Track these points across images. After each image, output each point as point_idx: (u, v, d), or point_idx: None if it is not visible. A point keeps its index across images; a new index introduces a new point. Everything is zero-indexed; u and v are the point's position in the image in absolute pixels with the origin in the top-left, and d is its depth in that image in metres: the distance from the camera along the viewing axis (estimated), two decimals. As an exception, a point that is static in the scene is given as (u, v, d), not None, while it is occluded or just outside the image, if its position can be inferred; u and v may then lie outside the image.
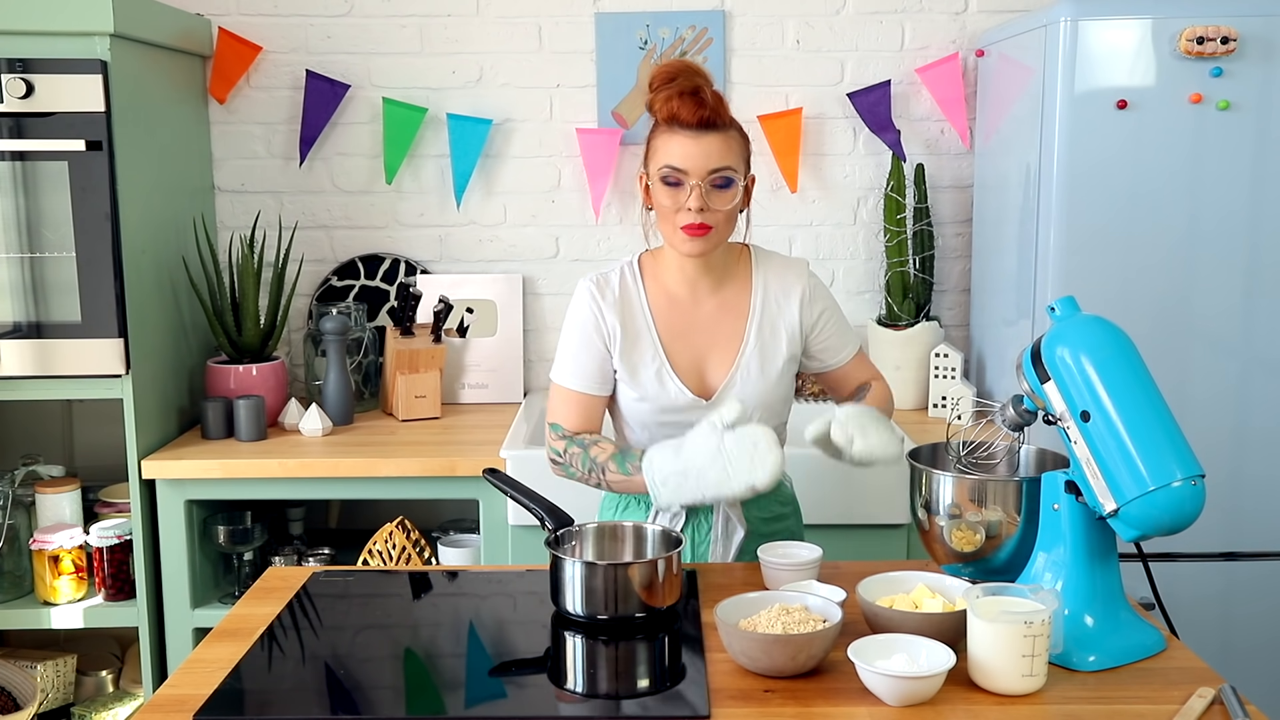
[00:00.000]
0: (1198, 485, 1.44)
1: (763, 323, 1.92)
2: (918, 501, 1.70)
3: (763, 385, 1.90)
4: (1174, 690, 1.42)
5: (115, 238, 2.45)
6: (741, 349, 1.91)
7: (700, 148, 1.81)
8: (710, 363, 1.91)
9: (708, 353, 1.92)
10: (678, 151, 1.82)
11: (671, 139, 1.83)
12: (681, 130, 1.82)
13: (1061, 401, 1.53)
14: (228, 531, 2.64)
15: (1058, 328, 1.56)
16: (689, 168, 1.81)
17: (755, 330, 1.91)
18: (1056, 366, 1.53)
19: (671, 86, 1.83)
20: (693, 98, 1.81)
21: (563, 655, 1.59)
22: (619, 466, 1.83)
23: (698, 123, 1.80)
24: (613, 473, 1.84)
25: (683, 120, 1.81)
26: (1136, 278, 2.46)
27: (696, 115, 1.80)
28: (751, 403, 1.88)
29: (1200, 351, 2.48)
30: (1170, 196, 2.44)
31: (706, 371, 1.91)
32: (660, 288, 1.94)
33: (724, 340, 1.92)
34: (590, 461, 1.86)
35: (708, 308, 1.92)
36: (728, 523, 1.91)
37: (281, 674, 1.53)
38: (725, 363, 1.91)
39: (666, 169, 1.82)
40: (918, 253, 2.98)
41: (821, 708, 1.38)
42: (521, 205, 3.07)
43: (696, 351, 1.91)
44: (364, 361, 3.02)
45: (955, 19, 3.00)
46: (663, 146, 1.84)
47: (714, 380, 1.91)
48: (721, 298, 1.93)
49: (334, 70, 3.00)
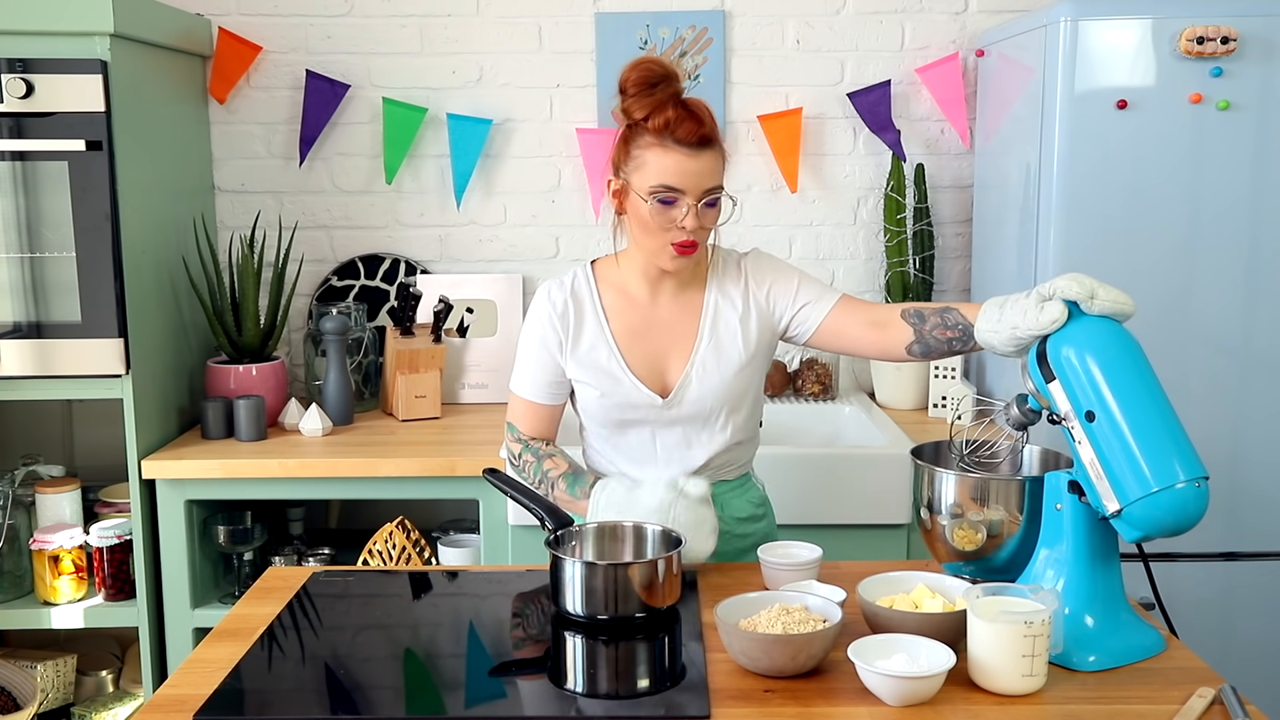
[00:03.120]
0: (1201, 487, 1.44)
1: (716, 319, 1.90)
2: (920, 500, 1.70)
3: (719, 381, 1.88)
4: (1174, 690, 1.42)
5: (115, 238, 2.45)
6: (696, 346, 1.90)
7: (697, 166, 1.76)
8: (668, 361, 1.90)
9: (666, 351, 1.90)
10: (674, 171, 1.76)
11: (666, 156, 1.76)
12: (678, 147, 1.76)
13: (1066, 401, 1.52)
14: (228, 531, 2.64)
15: (1064, 328, 1.55)
16: (686, 187, 1.76)
17: (709, 327, 1.90)
18: (1062, 366, 1.53)
19: (655, 95, 1.77)
20: (689, 113, 1.76)
21: (563, 655, 1.59)
22: (568, 487, 1.87)
23: (696, 141, 1.76)
24: (561, 491, 1.87)
25: (680, 137, 1.75)
26: (1136, 278, 2.46)
27: (696, 134, 1.75)
28: (712, 399, 1.88)
29: (1200, 351, 2.48)
30: (1170, 196, 2.44)
31: (665, 370, 1.90)
32: (616, 289, 1.92)
33: (680, 339, 1.91)
34: (541, 474, 1.90)
35: (666, 308, 1.91)
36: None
37: (281, 674, 1.53)
38: (681, 361, 1.90)
39: (662, 188, 1.77)
40: (918, 253, 2.98)
41: (821, 708, 1.38)
42: (521, 205, 3.07)
43: (654, 350, 1.90)
44: (364, 361, 3.02)
45: (955, 19, 3.00)
46: (655, 162, 1.77)
47: (671, 378, 1.90)
48: (680, 299, 1.92)
49: (334, 70, 3.00)
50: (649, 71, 1.78)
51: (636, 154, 1.80)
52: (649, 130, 1.78)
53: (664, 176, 1.77)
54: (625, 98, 1.80)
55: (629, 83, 1.79)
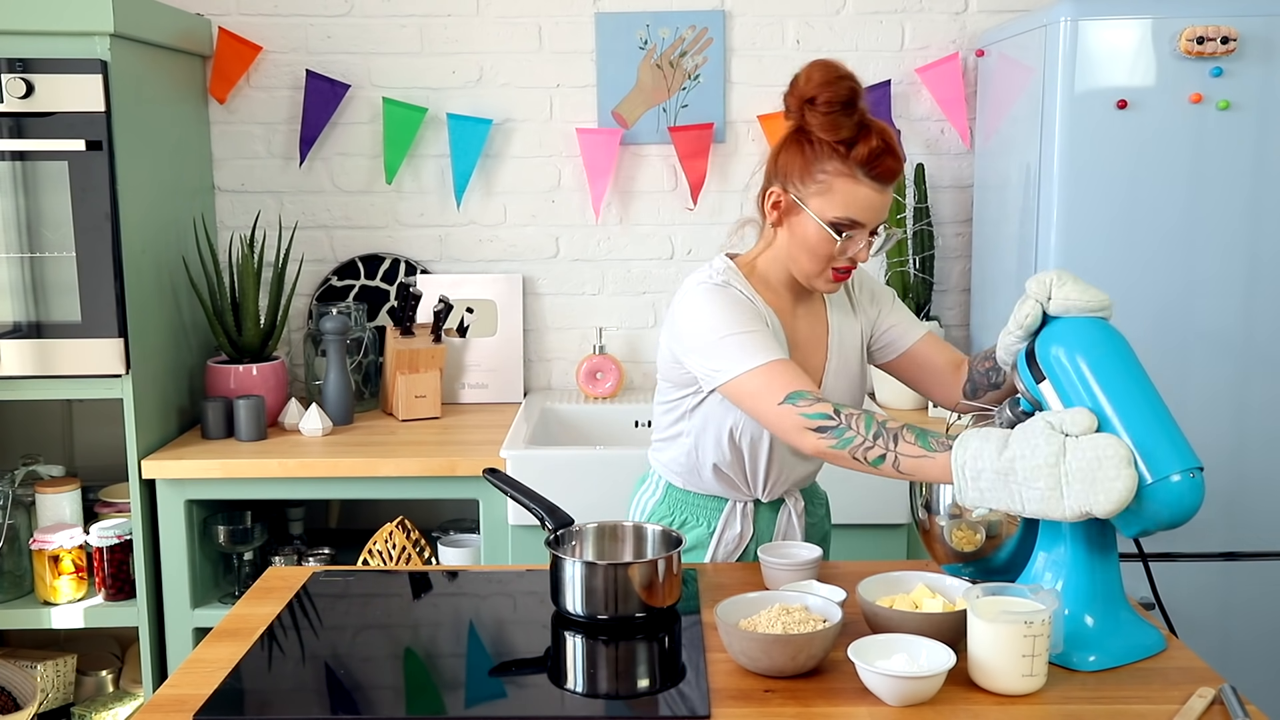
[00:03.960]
0: (1196, 478, 1.43)
1: (841, 337, 1.87)
2: (918, 501, 1.70)
3: (845, 395, 1.87)
4: (1174, 690, 1.42)
5: (115, 238, 2.45)
6: (826, 365, 1.85)
7: (884, 202, 1.71)
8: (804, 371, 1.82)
9: (800, 361, 1.81)
10: (864, 206, 1.69)
11: (858, 188, 1.68)
12: (871, 183, 1.68)
13: (1058, 401, 1.52)
14: (228, 531, 2.64)
15: (1051, 327, 1.57)
16: (869, 221, 1.71)
17: (836, 345, 1.86)
18: (1051, 366, 1.53)
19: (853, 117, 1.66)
20: (889, 151, 1.67)
21: (563, 655, 1.59)
22: (918, 439, 1.53)
23: (891, 177, 1.69)
24: (908, 444, 1.53)
25: (878, 173, 1.67)
26: (1136, 278, 2.46)
27: (894, 171, 1.68)
28: None
29: (1200, 351, 2.48)
30: (1170, 196, 2.44)
31: None
32: (768, 294, 1.82)
33: (811, 353, 1.85)
34: (878, 426, 1.56)
35: (802, 320, 1.85)
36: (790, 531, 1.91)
37: (281, 674, 1.53)
38: (814, 375, 1.84)
39: (847, 221, 1.69)
40: (918, 253, 2.98)
41: (821, 708, 1.38)
42: (521, 205, 3.07)
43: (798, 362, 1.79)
44: (364, 361, 3.02)
45: (955, 19, 3.00)
46: (844, 191, 1.68)
47: None
48: (809, 309, 1.87)
49: (334, 70, 3.00)
50: (843, 88, 1.67)
51: (822, 179, 1.70)
52: (842, 157, 1.68)
53: (851, 210, 1.69)
54: (813, 112, 1.68)
55: (820, 99, 1.67)
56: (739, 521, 1.89)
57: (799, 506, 1.92)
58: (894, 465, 1.55)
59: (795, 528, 1.92)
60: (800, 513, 1.92)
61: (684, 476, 1.91)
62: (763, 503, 1.90)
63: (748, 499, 1.89)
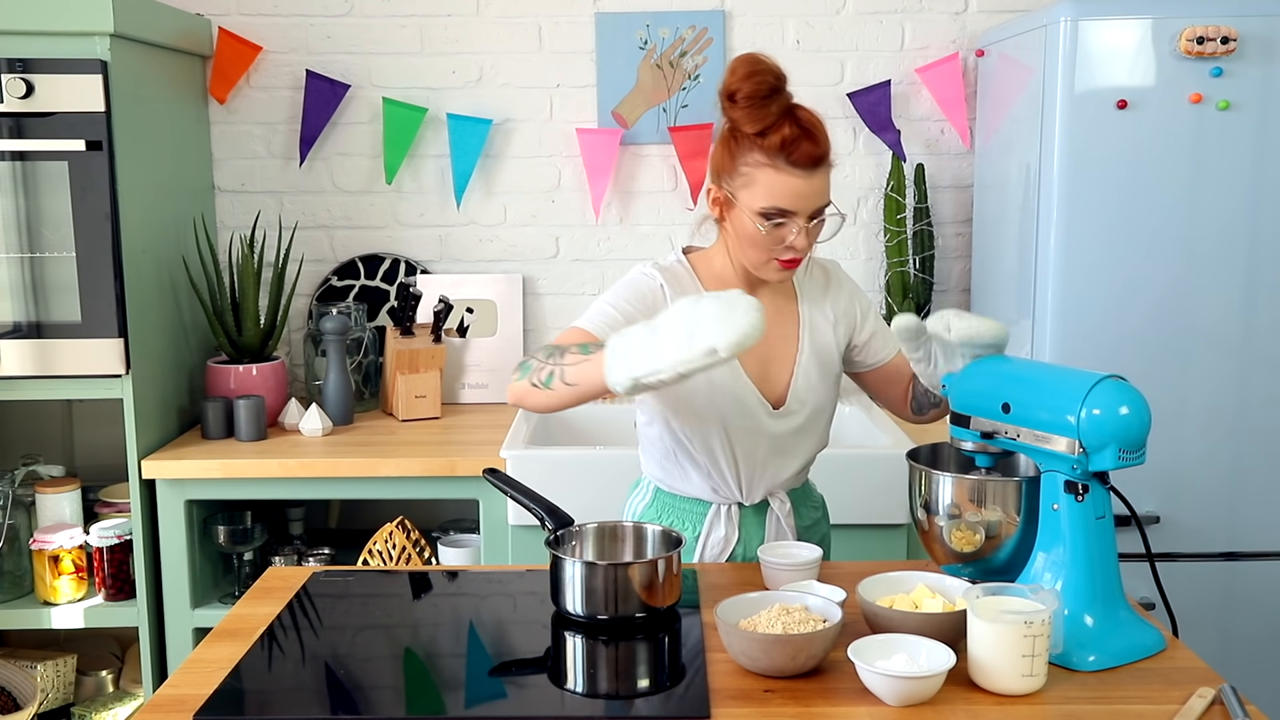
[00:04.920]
0: (1120, 380, 1.50)
1: (814, 330, 1.87)
2: (917, 501, 1.70)
3: (821, 390, 1.87)
4: (1174, 690, 1.42)
5: (115, 238, 2.45)
6: (798, 357, 1.86)
7: (810, 188, 1.69)
8: (771, 368, 1.85)
9: (770, 357, 1.84)
10: (787, 194, 1.69)
11: (778, 177, 1.68)
12: (791, 169, 1.68)
13: (986, 421, 1.60)
14: (228, 531, 2.64)
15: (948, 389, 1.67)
16: (798, 209, 1.70)
17: (808, 337, 1.87)
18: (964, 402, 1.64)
19: (769, 108, 1.67)
20: (806, 135, 1.67)
21: (563, 655, 1.59)
22: (581, 349, 1.58)
23: (812, 164, 1.68)
24: (572, 355, 1.58)
25: (794, 159, 1.67)
26: (1136, 278, 2.46)
27: (812, 156, 1.68)
28: (810, 408, 1.85)
29: (1200, 351, 2.48)
30: (1170, 196, 2.44)
31: (768, 376, 1.84)
32: (718, 285, 1.83)
33: (781, 346, 1.85)
34: (552, 350, 1.63)
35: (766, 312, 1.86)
36: (779, 534, 1.90)
37: (281, 674, 1.53)
38: (785, 369, 1.85)
39: (774, 210, 1.70)
40: (918, 253, 2.98)
41: (821, 708, 1.38)
42: (521, 205, 3.07)
43: (759, 355, 1.83)
44: (364, 361, 3.02)
45: (955, 19, 3.00)
46: (766, 182, 1.69)
47: (777, 384, 1.84)
48: (776, 302, 1.86)
49: (334, 70, 3.00)
50: (762, 83, 1.68)
51: (745, 170, 1.71)
52: (761, 148, 1.69)
53: (775, 199, 1.70)
54: (734, 107, 1.70)
55: (740, 94, 1.69)
56: (723, 524, 1.89)
57: (785, 509, 1.90)
58: (560, 378, 1.58)
59: (785, 531, 1.91)
60: (787, 515, 1.90)
61: (667, 479, 1.92)
62: (746, 506, 1.90)
63: (731, 501, 1.89)
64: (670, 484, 1.92)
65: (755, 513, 1.90)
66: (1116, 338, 2.47)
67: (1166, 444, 2.42)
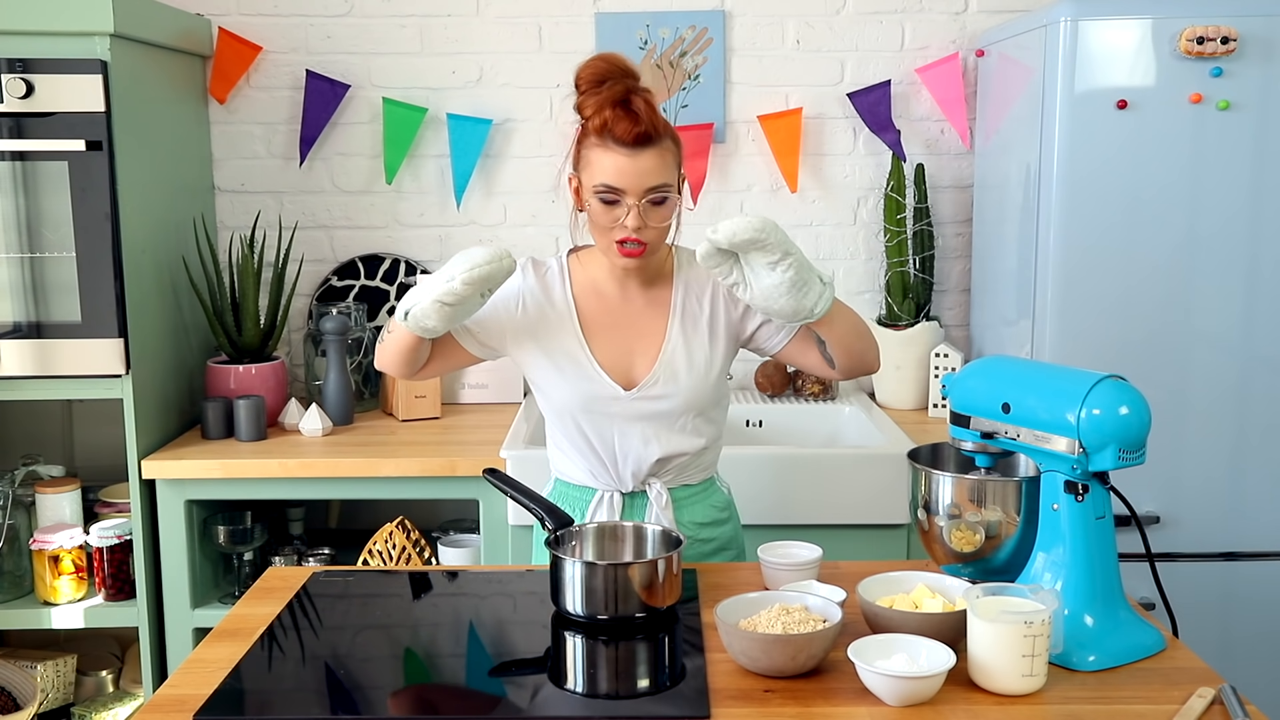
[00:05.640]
0: (1120, 380, 1.51)
1: (684, 319, 1.90)
2: (917, 501, 1.70)
3: (689, 381, 1.89)
4: (1174, 690, 1.42)
5: (115, 238, 2.45)
6: (664, 345, 1.89)
7: (636, 166, 1.75)
8: (635, 357, 1.90)
9: (632, 347, 1.90)
10: (612, 170, 1.76)
11: (605, 155, 1.76)
12: (616, 147, 1.75)
13: (985, 421, 1.61)
14: (228, 531, 2.64)
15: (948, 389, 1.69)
16: (626, 187, 1.76)
17: (678, 326, 1.90)
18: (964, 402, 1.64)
19: (600, 93, 1.77)
20: (626, 113, 1.75)
21: (563, 655, 1.59)
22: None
23: (633, 140, 1.74)
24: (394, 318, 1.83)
25: (617, 136, 1.75)
26: (1137, 278, 2.46)
27: (631, 133, 1.74)
28: (680, 398, 1.88)
29: (1200, 351, 2.48)
30: (1170, 196, 2.44)
31: (632, 365, 1.90)
32: (588, 281, 1.92)
33: (648, 336, 1.90)
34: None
35: (635, 304, 1.91)
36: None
37: (281, 674, 1.53)
38: (649, 358, 1.89)
39: (603, 188, 1.77)
40: (918, 253, 2.98)
41: (821, 708, 1.38)
42: (521, 205, 3.07)
43: (621, 345, 1.90)
44: (364, 361, 3.02)
45: (955, 19, 3.00)
46: (596, 162, 1.78)
47: (639, 374, 1.89)
48: (648, 295, 1.91)
49: (334, 70, 3.00)
50: (597, 69, 1.79)
51: (584, 152, 1.81)
52: (593, 130, 1.78)
53: (604, 176, 1.77)
54: (578, 94, 1.81)
55: (580, 79, 1.80)
56: (605, 511, 1.92)
57: (662, 500, 1.91)
58: (386, 328, 1.87)
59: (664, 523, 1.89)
60: (665, 506, 1.91)
61: (560, 467, 1.99)
62: (625, 494, 1.93)
63: (612, 489, 1.93)
64: (563, 471, 1.99)
65: (635, 503, 1.94)
66: (1116, 338, 2.47)
67: (1166, 444, 2.42)
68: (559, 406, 1.91)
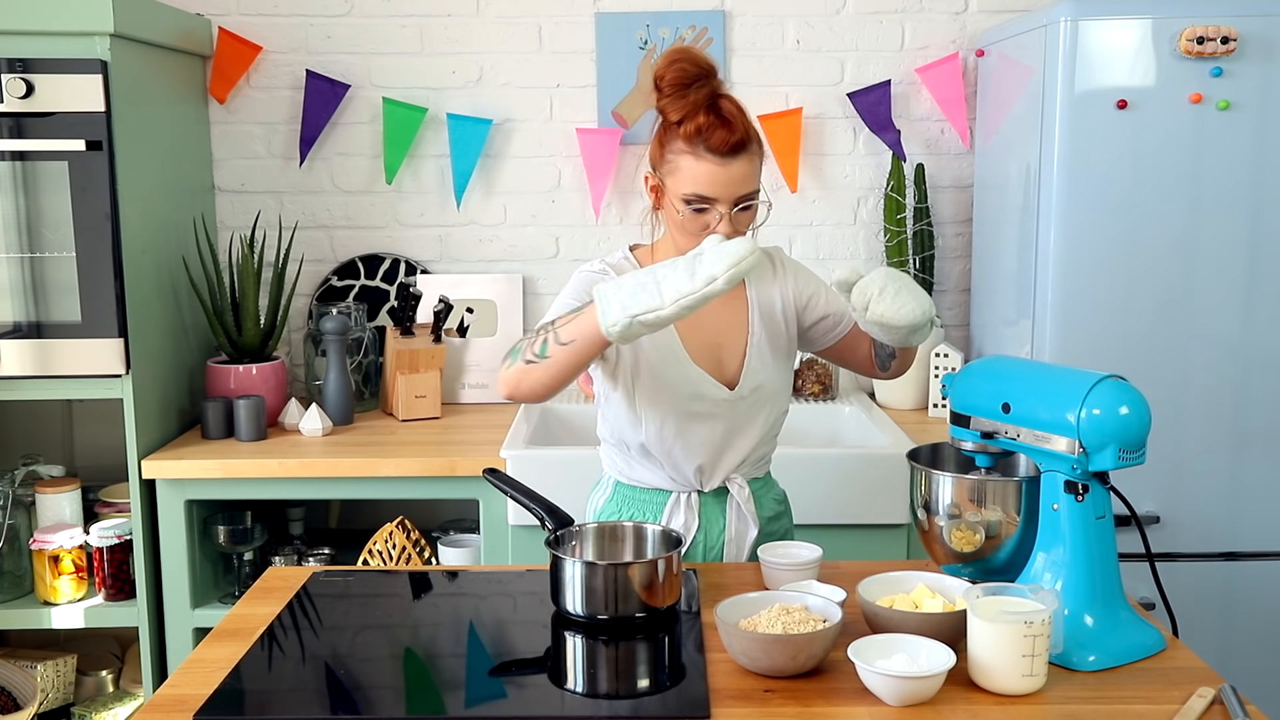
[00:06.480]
0: (1120, 380, 1.51)
1: (761, 312, 1.89)
2: (917, 501, 1.70)
3: (775, 371, 1.89)
4: (1174, 690, 1.42)
5: (115, 238, 2.45)
6: (749, 339, 1.88)
7: (729, 175, 1.73)
8: (723, 353, 1.88)
9: (720, 343, 1.88)
10: (706, 180, 1.73)
11: (699, 164, 1.72)
12: (709, 155, 1.72)
13: (986, 421, 1.61)
14: (228, 531, 2.64)
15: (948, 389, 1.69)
16: (719, 196, 1.73)
17: (758, 320, 1.89)
18: (964, 402, 1.64)
19: (688, 96, 1.72)
20: (722, 122, 1.71)
21: (563, 655, 1.59)
22: (570, 312, 1.68)
23: (728, 150, 1.71)
24: (562, 319, 1.68)
25: (712, 146, 1.71)
26: (1137, 277, 2.46)
27: (728, 143, 1.71)
28: (771, 387, 1.88)
29: (1200, 351, 2.48)
30: (1170, 196, 2.44)
31: (721, 361, 1.88)
32: None
33: (732, 331, 1.88)
34: (543, 324, 1.72)
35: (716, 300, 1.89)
36: (740, 521, 1.91)
37: (281, 674, 1.53)
38: (737, 351, 1.88)
39: (695, 197, 1.74)
40: (918, 253, 2.98)
41: (821, 708, 1.38)
42: (521, 205, 3.07)
43: (709, 342, 1.87)
44: (364, 361, 3.02)
45: (955, 19, 3.00)
46: (687, 169, 1.73)
47: (730, 368, 1.87)
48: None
49: (334, 70, 3.00)
50: (683, 71, 1.72)
51: (670, 158, 1.76)
52: (681, 135, 1.73)
53: (696, 185, 1.73)
54: (660, 96, 1.75)
55: (664, 80, 1.74)
56: (683, 512, 1.90)
57: (744, 494, 1.91)
58: (555, 340, 1.66)
59: (746, 518, 1.91)
60: (746, 500, 1.91)
61: (627, 471, 1.94)
62: (705, 493, 1.91)
63: (690, 489, 1.90)
64: (630, 475, 1.94)
65: (714, 499, 1.92)
66: (1116, 338, 2.47)
67: (1166, 444, 2.42)
68: (658, 410, 1.85)
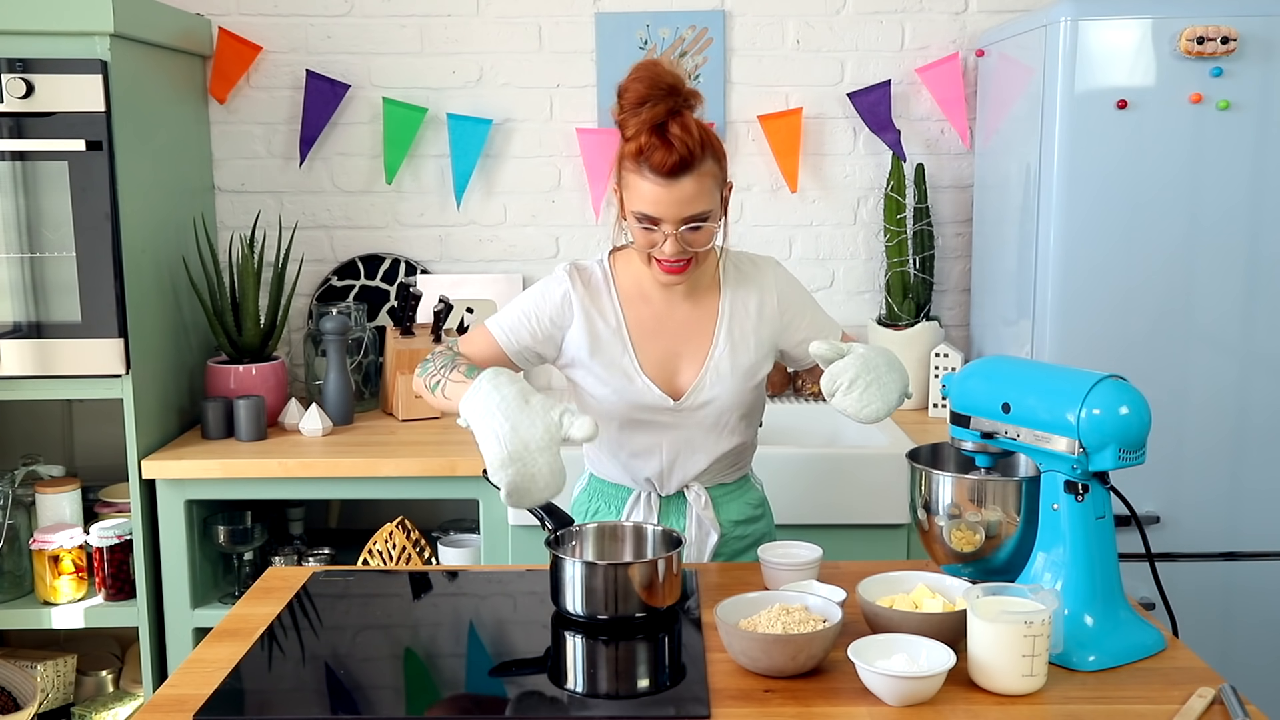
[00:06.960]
0: (1120, 380, 1.51)
1: (732, 325, 1.88)
2: (917, 502, 1.70)
3: (734, 386, 1.88)
4: (1174, 690, 1.42)
5: (115, 238, 2.45)
6: (711, 351, 1.88)
7: (672, 195, 1.71)
8: (681, 363, 1.88)
9: (678, 353, 1.88)
10: (650, 199, 1.72)
11: (643, 183, 1.72)
12: (651, 176, 1.71)
13: (985, 420, 1.62)
14: (228, 531, 2.64)
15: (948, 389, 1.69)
16: (663, 216, 1.72)
17: (725, 333, 1.88)
18: (964, 402, 1.65)
19: (640, 115, 1.71)
20: (661, 141, 1.69)
21: (563, 655, 1.59)
22: (467, 371, 1.71)
23: (668, 171, 1.69)
24: (458, 374, 1.71)
25: (653, 165, 1.70)
26: (1136, 278, 2.46)
27: (666, 164, 1.69)
28: (724, 402, 1.88)
29: (1200, 351, 2.48)
30: (1170, 196, 2.44)
31: (678, 371, 1.88)
32: (634, 286, 1.89)
33: (694, 342, 1.88)
34: (448, 359, 1.77)
35: (682, 310, 1.89)
36: (700, 526, 1.92)
37: (281, 674, 1.53)
38: (695, 364, 1.88)
39: (641, 215, 1.74)
40: (918, 253, 2.98)
41: (821, 708, 1.38)
42: (521, 205, 3.07)
43: (667, 351, 1.88)
44: (364, 361, 3.02)
45: (955, 19, 3.00)
46: (634, 187, 1.74)
47: (684, 381, 1.88)
48: (694, 301, 1.89)
49: (334, 70, 3.00)
50: (639, 92, 1.72)
51: (624, 174, 1.77)
52: (628, 154, 1.74)
53: (641, 204, 1.74)
54: (620, 110, 1.76)
55: (623, 95, 1.75)
56: (641, 510, 1.93)
57: (701, 502, 1.92)
58: (442, 391, 1.74)
59: (705, 524, 1.92)
60: (704, 507, 1.92)
61: (598, 466, 1.99)
62: (663, 496, 1.93)
63: (650, 491, 1.93)
64: (600, 470, 1.99)
65: (674, 502, 1.94)
66: (1116, 337, 2.47)
67: (1166, 444, 2.42)
68: (607, 410, 1.89)
